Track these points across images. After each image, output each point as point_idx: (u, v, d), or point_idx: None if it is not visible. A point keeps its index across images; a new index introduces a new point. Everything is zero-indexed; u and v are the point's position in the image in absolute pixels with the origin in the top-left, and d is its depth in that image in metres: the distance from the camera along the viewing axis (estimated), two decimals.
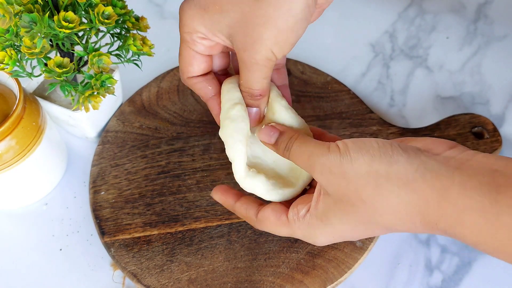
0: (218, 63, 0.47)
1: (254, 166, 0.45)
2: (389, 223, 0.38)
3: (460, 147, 0.38)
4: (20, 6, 0.45)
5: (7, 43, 0.48)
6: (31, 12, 0.46)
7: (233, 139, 0.43)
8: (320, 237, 0.42)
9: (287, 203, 0.44)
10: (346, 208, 0.39)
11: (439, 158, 0.37)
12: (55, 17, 0.46)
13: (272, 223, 0.44)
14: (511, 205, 0.33)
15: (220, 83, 0.46)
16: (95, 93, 0.50)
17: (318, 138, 0.47)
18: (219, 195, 0.47)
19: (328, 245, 0.52)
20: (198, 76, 0.45)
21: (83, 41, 0.50)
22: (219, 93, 0.46)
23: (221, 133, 0.44)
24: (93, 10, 0.48)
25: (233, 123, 0.44)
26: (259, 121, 0.46)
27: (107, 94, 0.51)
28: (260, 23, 0.39)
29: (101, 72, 0.49)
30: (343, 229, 0.41)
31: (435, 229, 0.37)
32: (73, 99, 0.53)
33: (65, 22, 0.46)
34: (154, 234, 0.53)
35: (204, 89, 0.45)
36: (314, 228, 0.42)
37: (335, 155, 0.39)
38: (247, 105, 0.45)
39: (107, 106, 0.60)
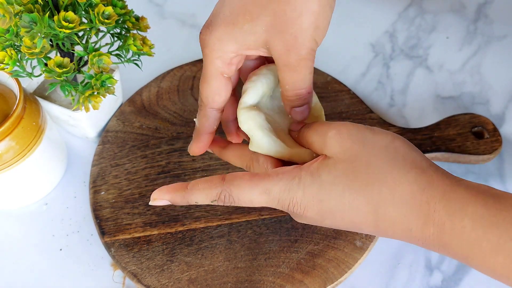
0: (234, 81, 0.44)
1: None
2: (380, 198, 0.36)
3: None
4: (20, 6, 0.45)
5: (7, 43, 0.48)
6: (31, 12, 0.46)
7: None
8: (299, 196, 0.38)
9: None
10: (345, 168, 0.37)
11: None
12: (55, 17, 0.46)
13: (245, 181, 0.39)
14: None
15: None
16: (95, 93, 0.50)
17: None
18: (167, 194, 0.41)
19: (328, 245, 0.52)
20: (219, 110, 0.43)
21: (83, 41, 0.50)
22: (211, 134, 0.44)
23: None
24: (93, 10, 0.48)
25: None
26: (309, 113, 0.43)
27: (107, 94, 0.51)
28: (296, 15, 0.38)
29: (101, 72, 0.49)
30: (329, 193, 0.37)
31: (431, 221, 0.36)
32: (73, 99, 0.53)
33: (65, 22, 0.46)
34: (154, 234, 0.53)
35: (216, 121, 0.43)
36: (298, 184, 0.38)
37: (358, 126, 0.38)
38: (296, 107, 0.42)
39: (107, 106, 0.60)
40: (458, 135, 0.59)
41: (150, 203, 0.41)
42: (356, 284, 0.52)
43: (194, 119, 0.45)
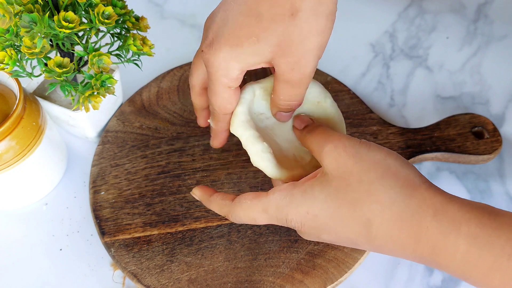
0: None
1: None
2: (371, 215, 0.37)
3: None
4: (20, 6, 0.45)
5: (7, 43, 0.48)
6: (31, 12, 0.46)
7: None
8: (293, 213, 0.39)
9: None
10: (338, 185, 0.38)
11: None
12: (55, 17, 0.46)
13: (248, 201, 0.41)
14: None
15: None
16: (95, 93, 0.50)
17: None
18: (199, 191, 0.46)
19: (328, 245, 0.52)
20: (228, 114, 0.45)
21: (83, 41, 0.50)
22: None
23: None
24: (93, 10, 0.48)
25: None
26: (290, 118, 0.46)
27: (107, 94, 0.51)
28: (302, 38, 0.38)
29: (101, 72, 0.49)
30: (322, 209, 0.38)
31: (423, 241, 0.36)
32: (73, 99, 0.53)
33: (65, 22, 0.46)
34: (154, 234, 0.53)
35: (227, 125, 0.46)
36: (290, 201, 0.39)
37: (354, 140, 0.39)
38: (283, 111, 0.45)
39: (107, 106, 0.60)
40: (458, 135, 0.59)
41: (191, 193, 0.47)
42: (356, 284, 0.52)
43: (208, 120, 0.49)
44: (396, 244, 0.36)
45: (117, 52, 0.53)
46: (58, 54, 0.51)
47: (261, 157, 0.43)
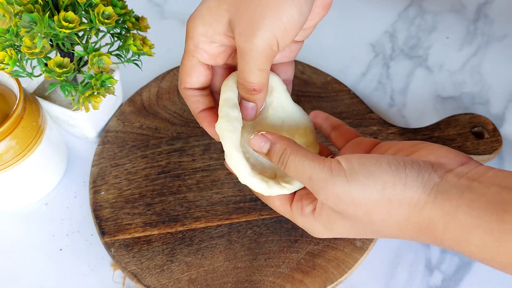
0: (220, 79, 0.45)
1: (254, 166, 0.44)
2: (394, 235, 0.38)
3: (472, 162, 0.37)
4: (20, 6, 0.45)
5: (7, 43, 0.48)
6: (31, 12, 0.46)
7: (229, 144, 0.41)
8: (320, 235, 0.42)
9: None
10: (352, 223, 0.39)
11: (451, 177, 0.36)
12: (55, 17, 0.46)
13: (276, 207, 0.43)
14: None
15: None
16: (95, 93, 0.50)
17: (335, 130, 0.46)
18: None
19: (328, 245, 0.52)
20: (194, 88, 0.43)
21: (83, 41, 0.50)
22: (209, 109, 0.44)
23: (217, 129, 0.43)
24: (93, 10, 0.48)
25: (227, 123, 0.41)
26: (254, 117, 0.43)
27: (107, 94, 0.51)
28: (258, 4, 0.36)
29: (101, 72, 0.49)
30: (345, 234, 0.41)
31: (440, 244, 0.37)
32: (73, 99, 0.53)
33: (65, 22, 0.46)
34: (154, 234, 0.53)
35: (196, 103, 0.43)
36: (316, 228, 0.41)
37: (342, 181, 0.36)
38: (243, 99, 0.42)
39: (107, 106, 0.60)
40: (458, 135, 0.59)
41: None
42: (356, 284, 0.52)
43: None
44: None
45: (117, 52, 0.53)
46: (58, 54, 0.51)
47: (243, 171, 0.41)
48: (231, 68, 0.45)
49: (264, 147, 0.40)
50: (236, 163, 0.40)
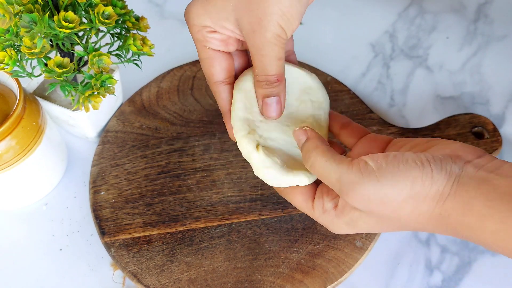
0: (235, 64, 0.45)
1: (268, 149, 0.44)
2: (417, 228, 0.39)
3: (487, 156, 0.38)
4: (20, 6, 0.45)
5: (7, 43, 0.48)
6: (31, 12, 0.46)
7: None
8: (342, 231, 0.42)
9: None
10: (377, 219, 0.39)
11: (470, 168, 0.37)
12: (55, 17, 0.46)
13: (297, 203, 0.43)
14: None
15: None
16: (95, 93, 0.50)
17: (345, 128, 0.46)
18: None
19: (328, 245, 0.52)
20: (225, 83, 0.43)
21: (83, 41, 0.50)
22: None
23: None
24: (93, 10, 0.48)
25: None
26: (280, 113, 0.43)
27: (107, 94, 0.51)
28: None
29: (101, 72, 0.49)
30: (369, 230, 0.41)
31: (456, 234, 0.37)
32: (73, 99, 0.53)
33: (65, 22, 0.46)
34: (154, 234, 0.53)
35: (225, 100, 0.44)
36: (338, 225, 0.41)
37: (372, 181, 0.36)
38: (265, 96, 0.42)
39: (107, 106, 0.60)
40: (458, 135, 0.59)
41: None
42: (356, 284, 0.52)
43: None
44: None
45: (117, 52, 0.53)
46: (58, 54, 0.51)
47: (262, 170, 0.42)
48: (244, 51, 0.46)
49: (301, 141, 0.42)
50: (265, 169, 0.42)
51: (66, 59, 0.48)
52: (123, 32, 0.53)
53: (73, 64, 0.49)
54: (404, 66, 0.68)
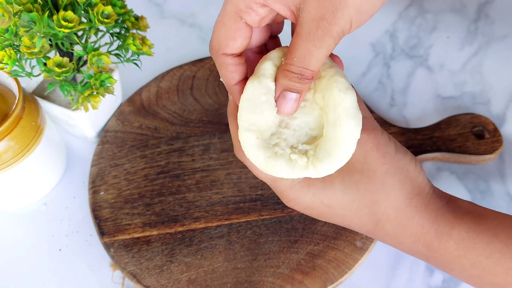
0: (257, 38, 0.40)
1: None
2: (383, 217, 0.40)
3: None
4: (19, 5, 0.45)
5: (6, 42, 0.48)
6: (31, 11, 0.46)
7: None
8: (306, 198, 0.39)
9: None
10: (360, 179, 0.38)
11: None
12: (55, 17, 0.46)
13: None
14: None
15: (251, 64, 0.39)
16: (95, 93, 0.50)
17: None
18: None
19: (328, 246, 0.52)
20: (234, 55, 0.38)
21: (83, 41, 0.50)
22: (244, 80, 0.39)
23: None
24: (92, 10, 0.48)
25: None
26: (294, 111, 0.38)
27: (106, 94, 0.50)
28: None
29: (101, 71, 0.49)
30: (336, 200, 0.39)
31: (423, 240, 0.40)
32: (72, 99, 0.53)
33: (65, 21, 0.46)
34: (153, 235, 0.53)
35: (233, 72, 0.38)
36: (309, 184, 0.39)
37: (385, 138, 0.39)
38: (288, 89, 0.37)
39: (107, 106, 0.60)
40: (459, 135, 0.58)
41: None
42: (356, 284, 0.52)
43: (221, 79, 0.40)
44: (396, 240, 0.41)
45: (116, 51, 0.53)
46: (58, 54, 0.51)
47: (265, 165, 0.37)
48: (269, 26, 0.40)
49: None
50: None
51: (66, 59, 0.48)
52: (123, 32, 0.53)
53: (73, 63, 0.49)
54: (404, 66, 0.68)
